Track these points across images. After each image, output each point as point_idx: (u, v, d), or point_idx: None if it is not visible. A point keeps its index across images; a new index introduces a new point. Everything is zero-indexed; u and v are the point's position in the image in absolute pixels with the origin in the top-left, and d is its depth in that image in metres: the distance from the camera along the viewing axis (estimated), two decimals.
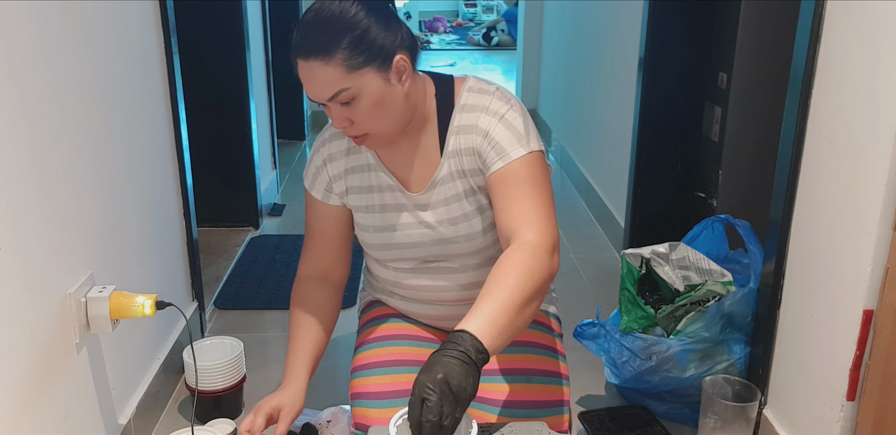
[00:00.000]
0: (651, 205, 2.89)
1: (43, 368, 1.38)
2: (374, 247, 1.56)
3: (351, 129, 1.36)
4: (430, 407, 1.07)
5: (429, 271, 1.55)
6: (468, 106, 1.44)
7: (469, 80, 1.48)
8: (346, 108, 1.33)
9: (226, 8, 3.15)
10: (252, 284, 2.85)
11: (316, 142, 1.55)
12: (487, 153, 1.40)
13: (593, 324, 2.03)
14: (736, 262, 2.14)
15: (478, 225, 1.48)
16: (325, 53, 1.27)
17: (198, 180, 2.38)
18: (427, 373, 1.09)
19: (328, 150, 1.53)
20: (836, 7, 1.55)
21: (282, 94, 4.44)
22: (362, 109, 1.32)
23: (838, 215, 1.55)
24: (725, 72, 2.54)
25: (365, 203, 1.52)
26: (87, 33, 1.61)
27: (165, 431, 1.89)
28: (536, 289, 1.26)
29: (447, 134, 1.45)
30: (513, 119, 1.40)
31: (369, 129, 1.37)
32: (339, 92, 1.30)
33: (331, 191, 1.54)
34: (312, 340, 1.53)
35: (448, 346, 1.13)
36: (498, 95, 1.44)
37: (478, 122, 1.42)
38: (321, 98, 1.32)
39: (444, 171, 1.46)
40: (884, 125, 1.39)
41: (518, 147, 1.38)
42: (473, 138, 1.42)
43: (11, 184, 1.27)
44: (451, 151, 1.45)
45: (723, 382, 1.86)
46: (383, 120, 1.36)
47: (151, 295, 1.56)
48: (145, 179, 1.98)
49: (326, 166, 1.53)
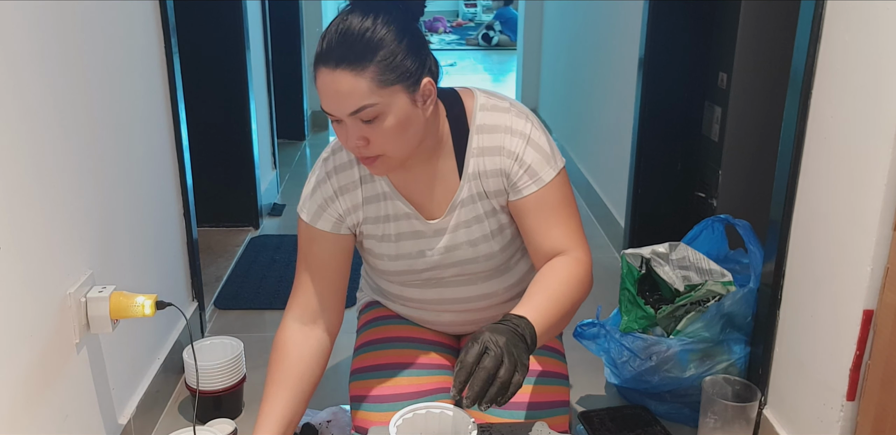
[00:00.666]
0: (651, 205, 2.89)
1: (43, 368, 1.38)
2: (387, 274, 1.53)
3: (365, 149, 1.28)
4: (492, 356, 1.09)
5: (437, 285, 1.53)
6: (487, 126, 1.40)
7: (477, 96, 1.43)
8: (365, 127, 1.25)
9: (226, 8, 3.15)
10: (252, 284, 2.85)
11: (318, 171, 1.45)
12: (520, 177, 1.39)
13: (593, 324, 2.03)
14: (736, 262, 2.14)
15: (497, 244, 1.47)
16: (357, 65, 1.20)
17: (198, 180, 2.38)
18: (495, 333, 1.13)
19: (338, 182, 1.43)
20: (836, 7, 1.55)
21: (282, 94, 4.44)
22: (384, 129, 1.25)
23: (838, 215, 1.55)
24: (725, 72, 2.54)
25: (380, 232, 1.45)
26: (86, 33, 1.61)
27: (165, 431, 1.89)
28: (579, 300, 1.37)
29: (465, 156, 1.40)
30: (538, 138, 1.39)
31: (385, 151, 1.28)
32: (364, 107, 1.22)
33: (342, 222, 1.45)
34: (288, 405, 1.39)
35: (512, 322, 1.18)
36: (515, 112, 1.41)
37: (504, 144, 1.38)
38: (343, 112, 1.23)
39: (464, 194, 1.42)
40: (884, 125, 1.39)
41: (549, 168, 1.39)
42: (501, 160, 1.39)
43: (11, 184, 1.27)
44: (471, 174, 1.41)
45: (723, 382, 1.86)
46: (402, 142, 1.29)
47: (151, 295, 1.56)
48: (145, 179, 1.98)
49: (339, 199, 1.43)
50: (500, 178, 1.40)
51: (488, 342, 1.11)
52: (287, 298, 1.52)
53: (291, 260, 3.06)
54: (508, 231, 1.48)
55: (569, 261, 1.37)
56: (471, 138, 1.40)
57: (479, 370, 1.09)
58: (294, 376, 1.41)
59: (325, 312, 1.48)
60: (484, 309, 1.58)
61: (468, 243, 1.45)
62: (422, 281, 1.52)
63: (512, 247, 1.50)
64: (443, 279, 1.52)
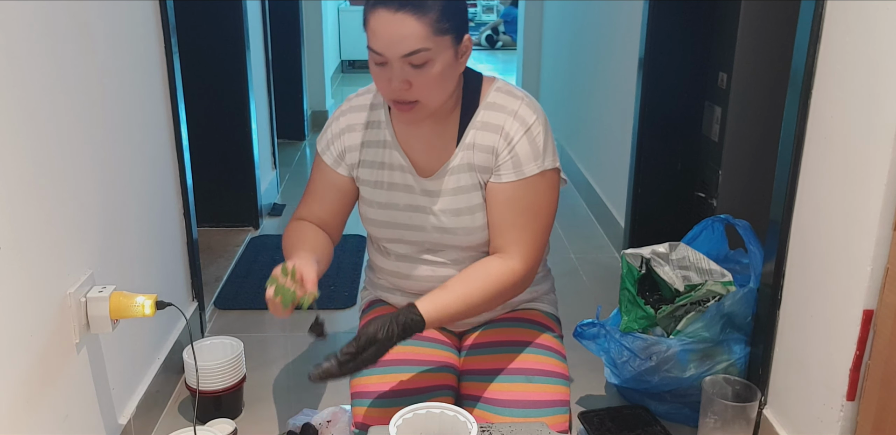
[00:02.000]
0: (651, 205, 2.89)
1: (43, 368, 1.38)
2: (374, 223, 1.57)
3: (406, 93, 1.35)
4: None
5: (430, 263, 1.55)
6: (496, 105, 1.46)
7: (498, 81, 1.50)
8: (412, 71, 1.32)
9: (226, 8, 3.15)
10: (252, 284, 2.85)
11: (336, 111, 1.56)
12: (505, 162, 1.44)
13: (593, 324, 2.03)
14: (736, 262, 2.14)
15: (480, 219, 1.49)
16: (421, 9, 1.28)
17: (198, 180, 2.38)
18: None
19: (348, 120, 1.53)
20: (836, 7, 1.55)
21: (282, 94, 4.45)
22: (429, 75, 1.33)
23: (838, 215, 1.55)
24: (725, 72, 2.54)
25: (374, 178, 1.53)
26: (87, 33, 1.61)
27: (165, 431, 1.89)
28: (493, 304, 1.45)
29: (468, 127, 1.47)
30: (537, 133, 1.44)
31: (423, 98, 1.36)
32: (419, 51, 1.30)
33: (342, 159, 1.54)
34: (314, 247, 1.48)
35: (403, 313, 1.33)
36: (527, 102, 1.46)
37: (504, 125, 1.44)
38: (396, 53, 1.30)
39: (455, 162, 1.48)
40: (884, 125, 1.39)
41: (533, 165, 1.43)
42: (495, 138, 1.44)
43: (12, 184, 1.28)
44: (467, 144, 1.47)
45: (723, 382, 1.86)
46: (440, 91, 1.38)
47: (151, 295, 1.56)
48: (145, 179, 1.98)
49: (342, 136, 1.53)
50: (490, 155, 1.45)
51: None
52: None
53: None
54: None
55: (500, 266, 1.43)
56: (477, 112, 1.47)
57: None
58: (314, 240, 1.51)
59: (327, 227, 1.57)
60: None
61: (452, 212, 1.49)
62: (412, 252, 1.56)
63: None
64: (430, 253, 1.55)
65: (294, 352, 2.43)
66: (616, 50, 3.28)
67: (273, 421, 2.01)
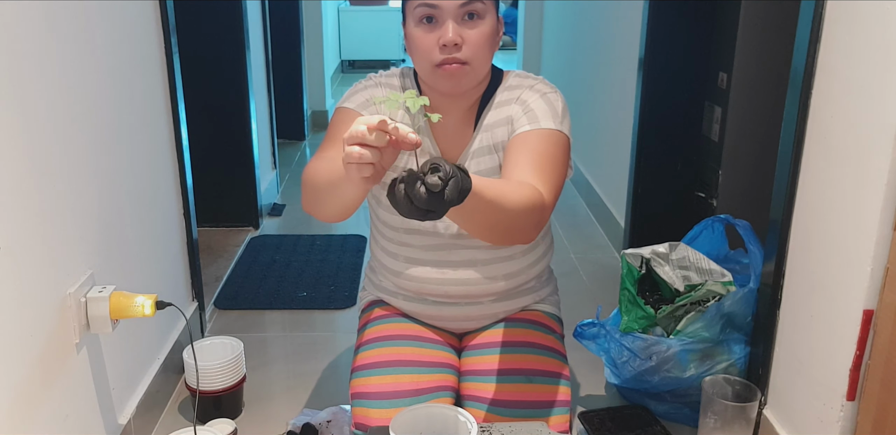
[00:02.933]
0: (651, 205, 2.89)
1: (43, 368, 1.38)
2: (389, 225, 1.56)
3: (457, 50, 1.37)
4: (443, 168, 0.96)
5: (437, 264, 1.55)
6: (513, 86, 1.51)
7: (517, 71, 1.56)
8: (464, 26, 1.37)
9: (226, 8, 3.15)
10: (252, 284, 2.85)
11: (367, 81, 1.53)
12: (519, 119, 1.44)
13: (593, 324, 2.03)
14: (736, 262, 2.14)
15: None
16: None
17: (198, 180, 2.38)
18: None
19: (381, 91, 1.51)
20: (836, 7, 1.55)
21: (282, 94, 4.45)
22: (481, 32, 1.38)
23: (838, 215, 1.55)
24: (725, 72, 2.54)
25: (402, 164, 1.48)
26: (86, 33, 1.61)
27: (165, 431, 1.89)
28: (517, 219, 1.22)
29: (485, 109, 1.49)
30: (554, 100, 1.47)
31: (473, 58, 1.39)
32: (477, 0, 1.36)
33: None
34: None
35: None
36: (543, 81, 1.53)
37: (520, 96, 1.48)
38: (455, 2, 1.34)
39: (475, 146, 1.49)
40: (884, 125, 1.39)
41: (550, 121, 1.43)
42: (510, 108, 1.47)
43: (11, 184, 1.28)
44: (485, 125, 1.49)
45: (723, 382, 1.86)
46: (485, 56, 1.41)
47: (151, 295, 1.56)
48: (145, 179, 1.98)
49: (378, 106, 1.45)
50: (507, 126, 1.47)
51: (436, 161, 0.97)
52: (287, 298, 1.56)
53: (291, 260, 3.06)
54: None
55: (535, 190, 1.26)
56: (496, 94, 1.50)
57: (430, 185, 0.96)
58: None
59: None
60: (484, 302, 1.58)
61: None
62: (421, 254, 1.54)
63: None
64: (440, 252, 1.53)
65: (294, 352, 2.43)
66: (616, 50, 3.28)
67: (273, 421, 2.01)
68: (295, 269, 2.98)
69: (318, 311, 2.63)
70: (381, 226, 1.59)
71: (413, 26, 1.39)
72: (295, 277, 2.89)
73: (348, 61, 8.29)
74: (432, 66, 1.39)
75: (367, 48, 7.96)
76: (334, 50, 7.48)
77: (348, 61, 8.29)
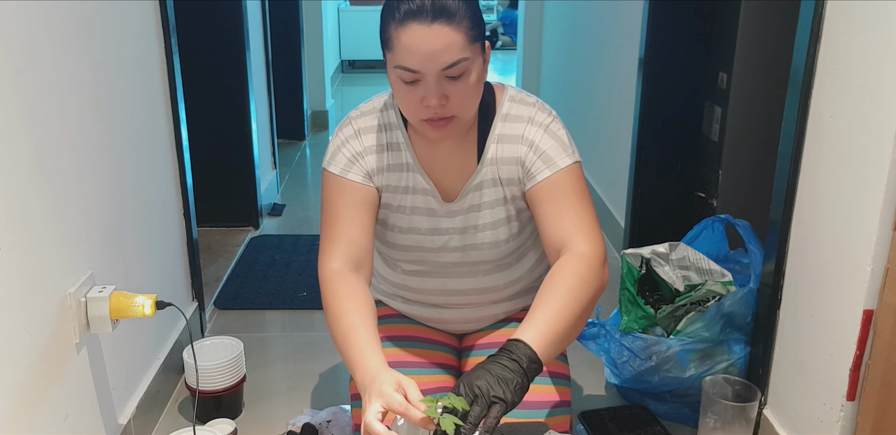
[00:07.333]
0: (651, 205, 2.89)
1: (43, 368, 1.38)
2: (396, 247, 1.53)
3: (442, 108, 1.29)
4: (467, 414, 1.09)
5: (438, 275, 1.54)
6: (511, 116, 1.43)
7: (508, 89, 1.47)
8: (448, 84, 1.26)
9: (226, 8, 3.15)
10: (252, 284, 2.85)
11: (346, 129, 1.46)
12: (534, 163, 1.39)
13: (593, 324, 2.03)
14: (736, 262, 2.14)
15: (504, 233, 1.47)
16: (454, 18, 1.23)
17: (198, 180, 2.38)
18: (469, 376, 1.13)
19: (366, 141, 1.44)
20: (836, 7, 1.55)
21: (282, 94, 4.45)
22: (467, 86, 1.28)
23: (838, 215, 1.55)
24: (725, 72, 2.54)
25: (396, 203, 1.47)
26: (87, 33, 1.61)
27: (165, 431, 1.89)
28: (590, 300, 1.28)
29: (487, 141, 1.43)
30: (557, 130, 1.42)
31: (460, 111, 1.31)
32: (459, 61, 1.24)
33: (370, 178, 1.44)
34: (372, 326, 1.29)
35: (501, 353, 1.16)
36: (539, 106, 1.45)
37: (524, 133, 1.41)
38: (435, 67, 1.24)
39: (479, 179, 1.44)
40: (884, 125, 1.39)
41: (565, 156, 1.39)
42: (518, 148, 1.41)
43: (12, 184, 1.28)
44: (489, 159, 1.43)
45: (723, 382, 1.86)
46: (474, 102, 1.33)
47: (151, 295, 1.56)
48: (145, 179, 1.98)
49: (367, 157, 1.43)
50: (515, 166, 1.42)
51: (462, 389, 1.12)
52: (287, 298, 1.53)
53: (291, 260, 3.06)
54: (516, 223, 1.48)
55: (568, 259, 1.30)
56: (494, 125, 1.43)
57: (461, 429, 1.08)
58: (370, 314, 1.30)
59: (366, 255, 1.40)
60: (484, 305, 1.58)
61: (475, 228, 1.46)
62: (426, 266, 1.53)
63: (518, 240, 1.51)
64: (445, 265, 1.52)
65: (294, 352, 2.43)
66: (616, 50, 3.28)
67: (273, 421, 2.01)
68: (295, 269, 2.98)
69: (318, 311, 2.62)
70: (388, 247, 1.57)
71: (395, 78, 1.29)
72: (295, 277, 2.89)
73: (348, 61, 8.30)
74: (418, 120, 1.34)
75: (367, 48, 7.96)
76: (334, 50, 7.49)
77: (348, 61, 8.30)
